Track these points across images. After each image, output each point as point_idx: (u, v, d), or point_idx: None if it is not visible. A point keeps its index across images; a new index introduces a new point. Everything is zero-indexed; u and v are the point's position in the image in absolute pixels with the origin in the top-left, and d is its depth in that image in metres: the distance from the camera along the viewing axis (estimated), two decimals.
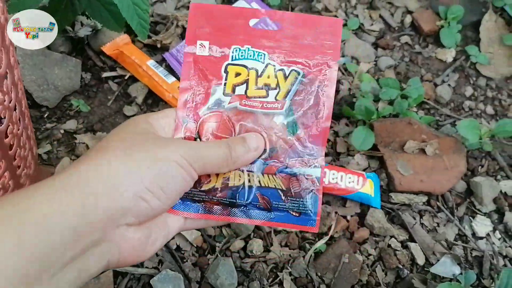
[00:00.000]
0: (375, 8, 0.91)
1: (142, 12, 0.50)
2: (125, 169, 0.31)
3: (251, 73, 0.39)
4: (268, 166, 0.39)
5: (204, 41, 0.39)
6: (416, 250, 0.65)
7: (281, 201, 0.39)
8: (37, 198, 0.28)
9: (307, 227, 0.40)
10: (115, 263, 0.33)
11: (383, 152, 0.70)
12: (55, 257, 0.27)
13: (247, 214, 0.39)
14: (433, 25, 0.87)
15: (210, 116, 0.39)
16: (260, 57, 0.39)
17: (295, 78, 0.40)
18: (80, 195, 0.29)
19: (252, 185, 0.39)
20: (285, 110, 0.39)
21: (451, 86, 0.83)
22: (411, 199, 0.68)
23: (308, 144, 0.40)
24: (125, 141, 0.34)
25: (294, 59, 0.40)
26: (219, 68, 0.39)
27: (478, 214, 0.70)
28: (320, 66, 0.40)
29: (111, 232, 0.31)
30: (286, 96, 0.39)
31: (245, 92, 0.39)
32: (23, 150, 0.52)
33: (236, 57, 0.39)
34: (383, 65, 0.83)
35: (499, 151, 0.76)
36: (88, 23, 0.73)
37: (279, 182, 0.39)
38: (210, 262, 0.61)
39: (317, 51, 0.40)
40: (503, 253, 0.67)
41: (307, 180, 0.40)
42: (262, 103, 0.39)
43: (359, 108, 0.72)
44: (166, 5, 0.83)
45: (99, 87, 0.74)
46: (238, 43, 0.39)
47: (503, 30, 0.88)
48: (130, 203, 0.31)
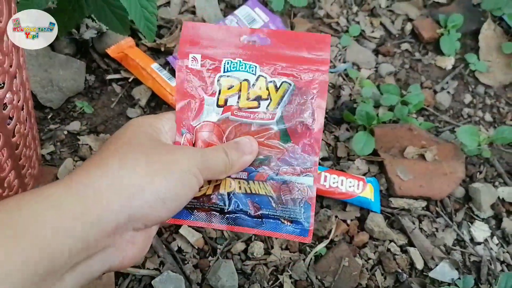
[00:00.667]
0: (376, 15, 0.92)
1: (149, 15, 0.51)
2: (137, 179, 0.31)
3: (243, 84, 0.40)
4: (258, 173, 0.40)
5: (196, 54, 0.40)
6: (415, 254, 0.65)
7: (272, 208, 0.39)
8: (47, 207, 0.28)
9: (299, 237, 0.39)
10: (116, 267, 0.33)
11: (383, 157, 0.71)
12: (62, 264, 0.27)
13: (238, 222, 0.39)
14: (433, 33, 0.89)
15: (202, 126, 0.40)
16: (251, 69, 0.40)
17: (286, 90, 0.40)
18: (92, 206, 0.29)
19: (242, 191, 0.39)
20: (276, 121, 0.40)
21: (451, 93, 0.84)
22: (411, 204, 0.69)
23: (300, 153, 0.40)
24: (134, 147, 0.34)
25: (285, 72, 0.40)
26: (211, 80, 0.40)
27: (476, 220, 0.70)
28: (311, 78, 0.40)
29: (117, 239, 0.31)
30: (277, 106, 0.40)
31: (237, 103, 0.40)
32: (29, 150, 0.52)
33: (228, 69, 0.40)
34: (383, 71, 0.84)
35: (497, 158, 0.77)
36: (93, 26, 0.74)
37: (269, 190, 0.39)
38: (211, 264, 0.61)
39: (308, 64, 0.40)
40: (500, 259, 0.67)
41: (299, 189, 0.40)
42: (253, 114, 0.40)
43: (360, 114, 0.72)
44: (170, 9, 0.84)
45: (103, 89, 0.75)
46: (229, 56, 0.40)
47: (501, 39, 0.90)
48: (141, 213, 0.31)
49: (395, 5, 0.94)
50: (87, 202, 0.29)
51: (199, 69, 0.40)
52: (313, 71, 0.41)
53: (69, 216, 0.28)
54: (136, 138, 0.35)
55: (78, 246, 0.28)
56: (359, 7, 0.93)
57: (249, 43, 0.41)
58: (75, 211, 0.28)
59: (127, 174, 0.31)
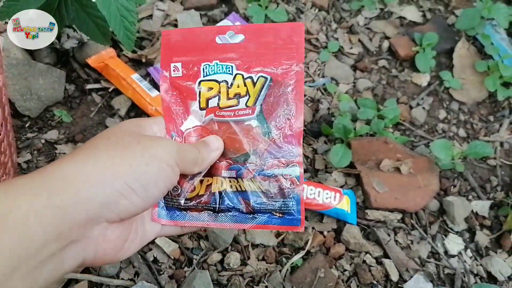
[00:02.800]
0: (355, 32, 0.94)
1: (129, 24, 0.52)
2: (106, 167, 0.31)
3: (222, 85, 0.41)
4: (245, 170, 0.40)
5: (176, 63, 0.41)
6: (390, 266, 0.66)
7: (263, 203, 0.40)
8: (19, 195, 0.28)
9: (291, 227, 0.40)
10: (90, 261, 0.33)
11: (360, 170, 0.72)
12: (34, 254, 0.27)
13: (232, 219, 0.40)
14: (409, 50, 0.91)
15: (191, 132, 0.41)
16: (228, 70, 0.41)
17: (263, 84, 0.41)
18: (62, 194, 0.29)
19: (234, 190, 0.40)
20: (256, 115, 0.41)
21: (426, 109, 0.86)
22: (386, 216, 0.70)
23: (284, 145, 0.41)
24: (110, 139, 0.34)
25: (260, 66, 0.41)
26: (193, 85, 0.41)
27: (450, 233, 0.72)
28: (287, 69, 0.41)
29: (90, 230, 0.31)
30: (255, 101, 0.41)
31: (217, 104, 0.41)
32: (3, 156, 0.52)
33: (207, 73, 0.41)
34: (361, 86, 0.86)
35: (471, 172, 0.79)
36: (75, 36, 0.74)
37: (258, 185, 0.40)
38: (186, 275, 0.61)
39: (282, 55, 0.41)
40: (474, 271, 0.68)
41: (286, 180, 0.40)
42: (233, 111, 0.41)
43: (337, 127, 0.74)
44: (152, 22, 0.85)
45: (82, 99, 0.75)
46: (207, 60, 0.41)
47: (475, 57, 0.93)
48: (109, 199, 0.31)
49: (372, 23, 0.96)
50: (57, 190, 0.29)
51: (181, 76, 0.41)
52: (289, 62, 0.41)
53: (40, 203, 0.28)
54: (117, 134, 0.35)
55: (50, 234, 0.28)
56: (338, 24, 0.95)
57: (224, 43, 0.42)
58: (45, 198, 0.28)
59: (97, 163, 0.31)
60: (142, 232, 0.38)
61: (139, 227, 0.37)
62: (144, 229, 0.38)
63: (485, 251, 0.71)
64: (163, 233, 0.40)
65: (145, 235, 0.38)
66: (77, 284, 0.58)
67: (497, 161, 0.81)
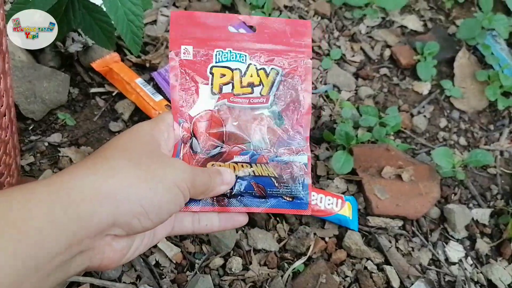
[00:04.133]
0: (357, 40, 0.95)
1: (136, 28, 0.52)
2: (125, 187, 0.31)
3: (235, 73, 0.42)
4: (260, 156, 0.42)
5: (187, 46, 0.42)
6: (392, 273, 0.66)
7: (275, 187, 0.41)
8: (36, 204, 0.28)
9: (300, 210, 0.42)
10: (95, 268, 0.33)
11: (362, 177, 0.73)
12: (46, 264, 0.27)
13: (244, 203, 0.41)
14: (410, 59, 0.92)
15: (202, 116, 0.41)
16: (242, 58, 0.42)
17: (276, 75, 0.43)
18: (77, 207, 0.29)
19: (246, 175, 0.41)
20: (269, 104, 0.43)
21: (427, 117, 0.87)
22: (387, 223, 0.70)
23: (293, 133, 0.43)
24: (129, 155, 0.34)
25: (272, 58, 0.43)
26: (204, 70, 0.42)
27: (451, 240, 0.72)
28: (296, 63, 0.43)
29: (98, 241, 0.31)
30: (269, 91, 0.43)
31: (231, 90, 0.42)
32: (8, 158, 0.52)
33: (220, 59, 0.42)
34: (363, 94, 0.86)
35: (471, 181, 0.79)
36: (79, 40, 0.74)
37: (271, 171, 0.42)
38: (188, 279, 0.61)
39: (292, 50, 0.43)
40: (474, 279, 0.69)
41: (296, 167, 0.42)
42: (248, 99, 0.42)
43: (339, 134, 0.74)
44: (157, 27, 0.86)
45: (86, 103, 0.75)
46: (220, 46, 0.42)
47: (475, 66, 0.94)
48: (123, 219, 0.31)
49: (374, 32, 0.97)
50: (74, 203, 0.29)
51: (192, 60, 0.42)
52: (298, 57, 0.43)
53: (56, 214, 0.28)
54: (132, 146, 0.35)
55: (62, 245, 0.28)
56: (340, 32, 0.96)
57: (236, 32, 0.43)
58: (61, 210, 0.28)
59: (116, 181, 0.31)
60: (150, 236, 0.38)
61: (147, 234, 0.37)
62: (153, 234, 0.38)
63: (486, 259, 0.71)
64: (174, 232, 0.41)
65: (155, 236, 0.38)
66: (79, 287, 0.58)
67: (497, 169, 0.81)
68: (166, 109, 0.71)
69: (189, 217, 0.41)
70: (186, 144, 0.41)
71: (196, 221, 0.41)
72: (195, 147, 0.41)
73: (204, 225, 0.41)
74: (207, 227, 0.41)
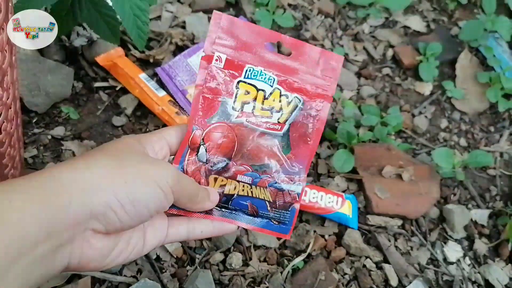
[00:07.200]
0: (360, 40, 0.96)
1: (142, 23, 0.53)
2: (101, 178, 0.32)
3: (259, 94, 0.42)
4: (261, 180, 0.42)
5: (221, 54, 0.41)
6: (390, 271, 0.67)
7: (267, 211, 0.43)
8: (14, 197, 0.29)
9: (281, 234, 0.44)
10: (74, 266, 0.33)
11: (362, 175, 0.73)
12: (28, 251, 0.28)
13: (235, 217, 0.42)
14: (412, 59, 0.92)
15: (216, 127, 0.41)
16: (270, 81, 0.42)
17: (296, 105, 0.43)
18: (56, 198, 0.30)
19: (245, 194, 0.42)
20: (283, 133, 0.43)
21: (428, 118, 0.87)
22: (387, 222, 0.71)
23: (295, 164, 0.43)
24: (110, 153, 0.35)
25: (298, 87, 0.43)
26: (231, 82, 0.42)
27: (449, 240, 0.72)
28: (319, 98, 0.43)
29: (77, 234, 0.32)
30: (287, 120, 0.43)
31: (252, 110, 0.42)
32: (13, 150, 0.52)
33: (249, 76, 0.42)
34: (365, 93, 0.87)
35: (471, 181, 0.80)
36: (84, 34, 0.75)
37: (268, 195, 0.43)
38: (188, 274, 0.62)
39: (319, 83, 0.43)
40: (472, 279, 0.69)
41: (290, 195, 0.43)
42: (266, 123, 0.42)
43: (341, 132, 0.75)
44: (161, 23, 0.86)
45: (90, 97, 0.75)
46: (252, 63, 0.42)
47: (477, 68, 0.94)
48: (99, 209, 0.31)
49: (377, 32, 0.98)
50: (53, 194, 0.30)
51: (221, 69, 0.42)
52: (322, 92, 0.43)
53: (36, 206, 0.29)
54: (121, 150, 0.36)
55: (42, 234, 0.29)
56: (343, 32, 0.97)
57: (272, 51, 0.43)
58: (40, 201, 0.29)
59: (94, 173, 0.32)
60: (138, 243, 0.38)
61: (133, 239, 0.37)
62: (143, 240, 0.38)
63: (483, 259, 0.71)
64: (168, 241, 0.41)
65: (145, 243, 0.38)
66: (80, 279, 0.58)
67: (496, 171, 0.82)
68: (169, 104, 0.71)
69: (185, 225, 0.41)
70: (193, 152, 0.41)
71: (191, 229, 0.41)
72: (201, 156, 0.41)
73: (199, 232, 0.42)
74: (202, 234, 0.42)
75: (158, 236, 0.39)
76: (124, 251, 0.36)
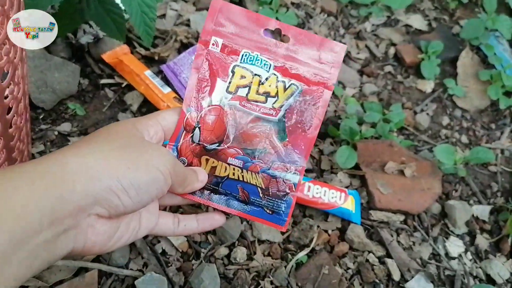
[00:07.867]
0: (362, 38, 0.96)
1: (149, 20, 0.53)
2: (105, 164, 0.33)
3: (255, 78, 0.42)
4: (253, 164, 0.42)
5: (218, 38, 0.42)
6: (393, 266, 0.67)
7: (259, 197, 0.43)
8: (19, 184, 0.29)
9: (277, 225, 0.43)
10: (79, 251, 0.34)
11: (365, 171, 0.74)
12: (31, 237, 0.28)
13: (227, 203, 0.42)
14: (414, 57, 0.93)
15: (211, 109, 0.42)
16: (266, 66, 0.42)
17: (294, 91, 0.42)
18: (61, 184, 0.30)
19: (235, 178, 0.42)
20: (278, 118, 0.42)
21: (429, 115, 0.88)
22: (389, 217, 0.72)
23: (293, 152, 0.43)
24: (111, 137, 0.36)
25: (296, 73, 0.42)
26: (227, 66, 0.42)
27: (451, 236, 0.73)
28: (318, 85, 0.43)
29: (81, 220, 0.32)
30: (282, 106, 0.42)
31: (246, 94, 0.42)
32: (22, 144, 0.53)
33: (245, 60, 0.42)
34: (367, 91, 0.88)
35: (472, 178, 0.81)
36: (90, 31, 0.76)
37: (260, 181, 0.42)
38: (194, 267, 0.62)
39: (318, 70, 0.42)
40: (473, 274, 0.70)
41: (285, 184, 0.43)
42: (259, 108, 0.42)
43: (344, 129, 0.76)
44: (166, 21, 0.87)
45: (96, 93, 0.76)
46: (248, 48, 0.42)
47: (478, 66, 0.95)
48: (102, 195, 0.32)
49: (379, 30, 0.99)
50: (56, 180, 0.30)
51: (218, 53, 0.42)
52: (322, 79, 0.43)
53: (40, 191, 0.29)
54: (117, 133, 0.37)
55: (46, 220, 0.29)
56: (346, 30, 0.97)
57: (269, 38, 0.43)
58: (45, 187, 0.30)
59: (98, 159, 0.33)
60: (135, 226, 0.39)
61: (133, 222, 0.38)
62: (139, 224, 0.39)
63: (485, 254, 0.72)
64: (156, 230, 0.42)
65: (140, 229, 0.39)
66: (87, 272, 0.59)
67: (497, 167, 0.83)
68: (174, 101, 0.72)
69: (171, 217, 0.43)
70: (188, 133, 0.42)
71: (176, 222, 0.43)
72: (195, 137, 0.42)
73: (183, 225, 0.42)
74: (185, 227, 0.43)
75: (151, 221, 0.41)
76: (124, 234, 0.38)
